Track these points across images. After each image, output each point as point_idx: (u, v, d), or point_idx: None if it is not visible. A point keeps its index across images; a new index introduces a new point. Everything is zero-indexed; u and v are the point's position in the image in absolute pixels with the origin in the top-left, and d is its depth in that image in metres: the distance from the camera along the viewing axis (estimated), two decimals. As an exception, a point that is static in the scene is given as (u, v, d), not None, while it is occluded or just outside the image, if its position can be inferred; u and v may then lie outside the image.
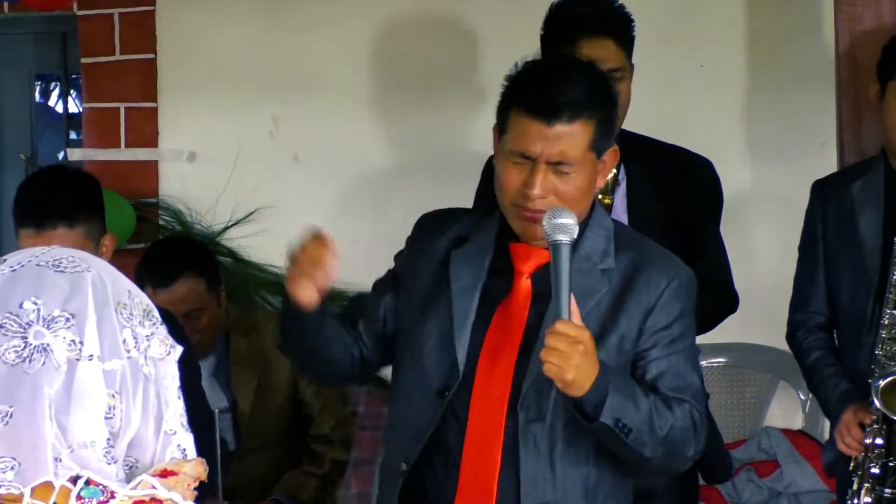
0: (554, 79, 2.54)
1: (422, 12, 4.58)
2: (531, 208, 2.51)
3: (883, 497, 3.07)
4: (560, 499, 2.55)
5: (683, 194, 3.30)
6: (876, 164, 3.25)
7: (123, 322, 1.43)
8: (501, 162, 2.57)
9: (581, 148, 2.51)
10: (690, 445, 2.56)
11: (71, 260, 1.45)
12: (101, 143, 4.73)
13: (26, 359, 1.36)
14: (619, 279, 2.58)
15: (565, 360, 2.37)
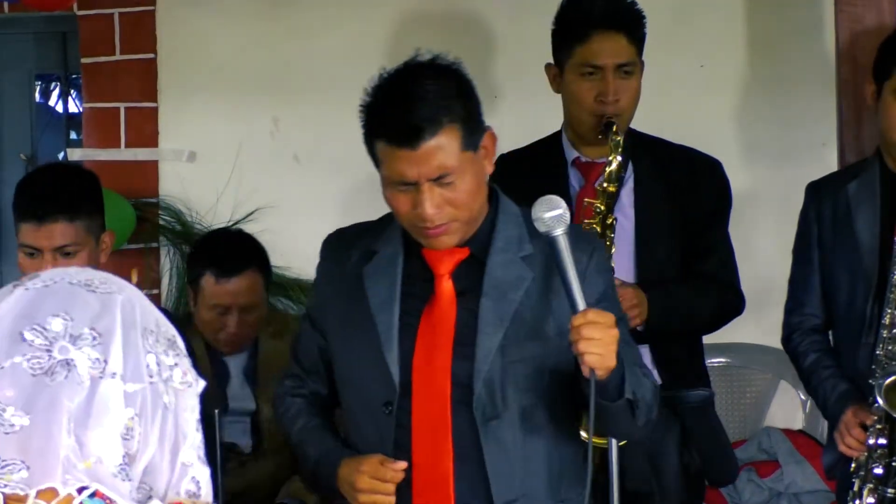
0: (404, 101, 2.50)
1: (423, 11, 4.57)
2: (429, 226, 2.50)
3: (886, 497, 3.06)
4: (529, 491, 2.57)
5: (692, 194, 3.30)
6: (871, 165, 3.25)
7: (148, 347, 1.44)
8: (387, 191, 2.55)
9: (454, 154, 2.49)
10: (654, 409, 2.60)
11: (103, 281, 1.47)
12: (101, 143, 4.73)
13: (48, 371, 1.37)
14: (541, 263, 2.58)
15: (605, 346, 2.37)
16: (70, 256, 3.11)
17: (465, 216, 2.52)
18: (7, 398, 1.35)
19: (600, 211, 3.12)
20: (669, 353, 3.29)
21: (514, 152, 3.47)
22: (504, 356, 2.54)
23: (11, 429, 1.34)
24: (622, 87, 3.21)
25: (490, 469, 2.53)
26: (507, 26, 4.51)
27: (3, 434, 1.33)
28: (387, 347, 2.58)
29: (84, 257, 3.12)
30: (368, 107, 2.56)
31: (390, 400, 2.57)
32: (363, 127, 2.58)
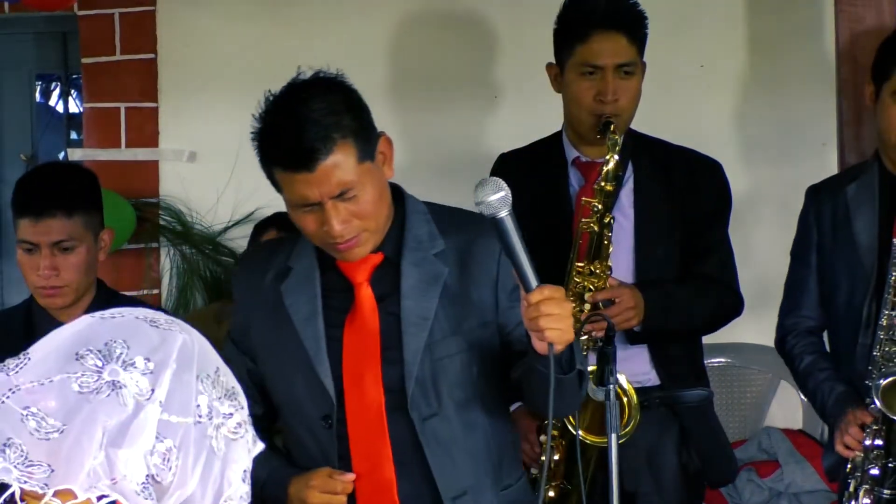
0: (294, 125, 2.47)
1: (426, 11, 4.58)
2: (340, 241, 2.50)
3: (882, 498, 3.06)
4: (475, 482, 2.59)
5: (692, 195, 3.30)
6: (870, 167, 3.25)
7: (202, 389, 1.46)
8: (294, 216, 2.54)
9: (352, 169, 2.47)
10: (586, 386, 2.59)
11: (168, 321, 1.49)
12: (101, 143, 4.73)
13: (94, 390, 1.40)
14: (454, 257, 2.59)
15: (563, 321, 2.36)
16: (67, 252, 3.12)
17: (372, 226, 2.52)
18: (49, 408, 1.37)
19: (598, 210, 3.13)
20: (668, 353, 3.29)
21: (515, 152, 3.47)
22: (432, 354, 2.55)
23: (47, 435, 1.37)
24: (622, 87, 3.21)
25: (434, 467, 2.55)
26: (508, 26, 4.51)
27: (38, 439, 1.36)
28: (317, 361, 2.58)
29: (82, 253, 3.13)
30: (260, 133, 2.53)
31: (328, 413, 2.58)
32: (258, 154, 2.54)
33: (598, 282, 3.12)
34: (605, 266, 3.12)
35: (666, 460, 3.30)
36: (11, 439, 1.35)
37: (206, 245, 4.66)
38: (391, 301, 2.57)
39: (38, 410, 1.37)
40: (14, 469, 1.34)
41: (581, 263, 3.13)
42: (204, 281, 4.64)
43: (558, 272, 3.13)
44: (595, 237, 3.13)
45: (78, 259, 3.13)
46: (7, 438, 1.35)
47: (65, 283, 3.13)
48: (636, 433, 3.00)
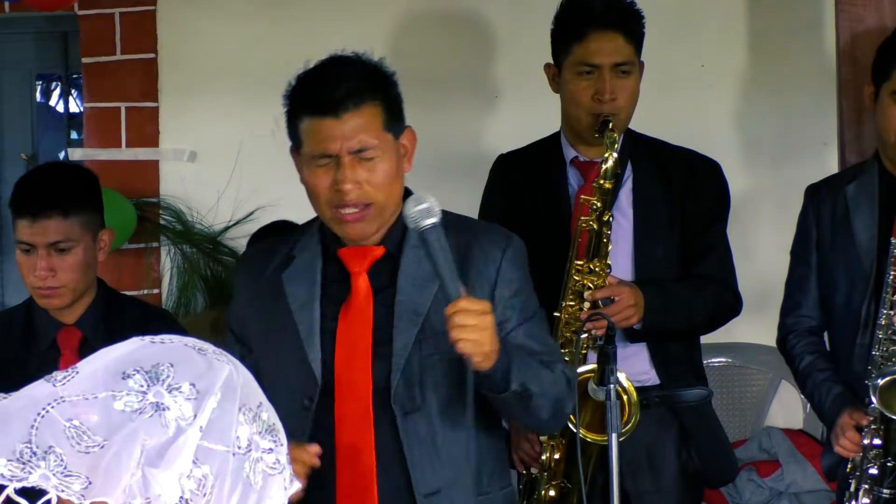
0: (327, 75, 2.58)
1: (426, 11, 4.58)
2: (347, 203, 2.52)
3: (881, 497, 3.06)
4: (450, 483, 2.59)
5: (691, 195, 3.31)
6: (870, 167, 3.25)
7: (242, 420, 1.47)
8: (307, 173, 2.58)
9: (376, 130, 2.55)
10: (569, 402, 2.62)
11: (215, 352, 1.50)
12: (101, 142, 4.74)
13: (138, 410, 1.41)
14: (454, 259, 2.57)
15: (481, 332, 2.39)
16: (64, 253, 3.11)
17: (381, 199, 2.55)
18: (91, 422, 1.39)
19: (597, 208, 3.13)
20: (667, 352, 3.29)
21: (514, 152, 3.48)
22: (421, 350, 2.56)
23: (87, 449, 1.38)
24: (619, 86, 3.21)
25: (410, 462, 2.56)
26: (508, 27, 4.51)
27: (79, 452, 1.37)
28: (308, 346, 2.60)
29: (79, 254, 3.13)
30: (295, 83, 2.62)
31: (310, 397, 2.59)
32: (287, 111, 2.62)
33: (597, 280, 3.12)
34: (605, 264, 3.13)
35: (666, 460, 3.30)
36: (53, 448, 1.36)
37: (206, 244, 4.66)
38: (387, 294, 2.58)
39: (80, 423, 1.38)
40: (52, 477, 1.35)
41: (580, 262, 3.13)
42: (204, 280, 4.65)
43: (557, 272, 3.13)
44: (594, 235, 3.13)
45: (75, 260, 3.12)
46: (49, 446, 1.36)
47: (62, 284, 3.12)
48: (636, 432, 3.00)
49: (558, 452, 3.14)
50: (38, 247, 3.10)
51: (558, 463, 3.15)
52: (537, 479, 3.16)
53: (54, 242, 3.10)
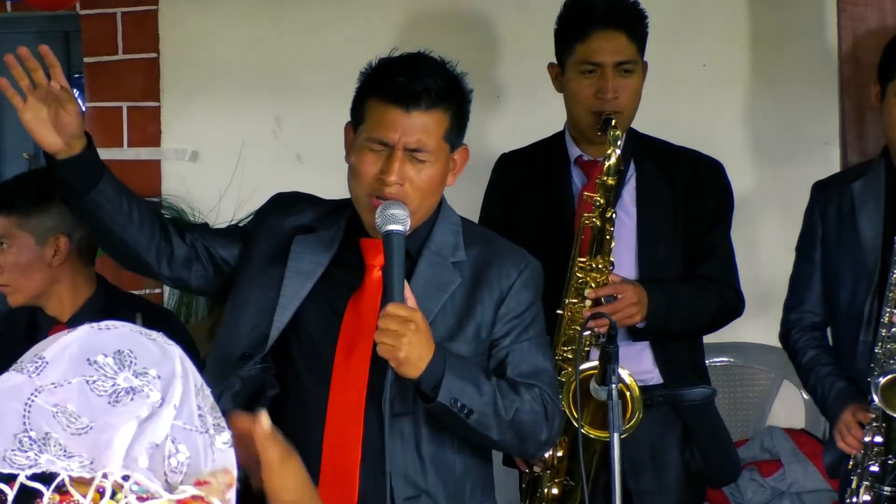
0: (412, 69, 2.59)
1: (428, 11, 4.58)
2: (386, 195, 2.53)
3: (882, 495, 3.07)
4: (431, 489, 2.59)
5: (694, 195, 3.31)
6: (876, 165, 3.25)
7: (200, 403, 1.51)
8: (357, 152, 2.59)
9: (437, 137, 2.56)
10: (542, 430, 2.61)
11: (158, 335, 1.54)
12: (103, 142, 4.72)
13: (113, 395, 1.44)
14: (470, 271, 2.63)
15: (397, 338, 2.42)
16: (1, 251, 3.18)
17: (416, 202, 2.56)
18: (71, 407, 1.42)
19: (600, 205, 3.13)
20: (670, 352, 3.30)
21: (515, 151, 3.48)
22: None
23: (79, 431, 1.41)
24: (622, 85, 3.22)
25: (392, 465, 2.55)
26: (511, 26, 4.51)
27: (73, 434, 1.41)
28: (279, 312, 2.60)
29: (15, 253, 3.18)
30: (374, 68, 2.63)
31: (251, 354, 2.59)
32: (360, 84, 2.64)
33: (600, 277, 3.13)
34: (607, 261, 3.13)
35: (668, 459, 3.30)
36: (49, 434, 1.39)
37: (208, 244, 4.66)
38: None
39: (65, 408, 1.41)
40: (57, 460, 1.38)
41: (583, 259, 3.13)
42: (206, 280, 4.64)
43: (560, 270, 3.13)
44: (597, 232, 3.13)
45: (8, 258, 3.19)
46: (45, 433, 1.39)
47: (5, 283, 3.21)
48: (639, 431, 3.00)
49: (561, 450, 3.14)
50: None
51: (561, 460, 3.15)
52: (540, 476, 3.16)
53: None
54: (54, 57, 2.61)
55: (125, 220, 2.66)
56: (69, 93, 2.58)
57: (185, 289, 2.81)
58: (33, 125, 2.57)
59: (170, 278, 2.75)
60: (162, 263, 2.72)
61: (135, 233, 2.67)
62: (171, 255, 2.71)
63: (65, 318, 3.23)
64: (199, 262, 2.73)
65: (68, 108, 2.56)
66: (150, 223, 2.69)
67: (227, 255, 2.73)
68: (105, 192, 2.63)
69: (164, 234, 2.71)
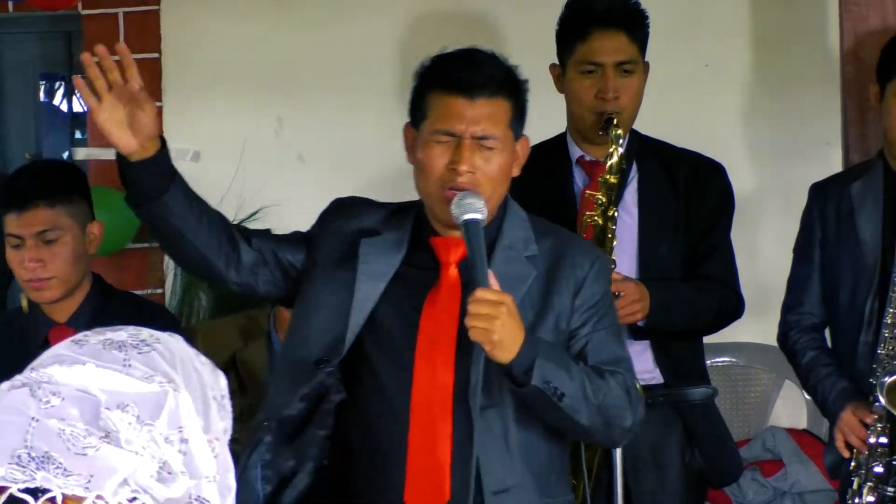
0: (470, 59, 2.62)
1: (432, 11, 4.58)
2: (458, 185, 2.53)
3: (886, 496, 3.07)
4: (520, 482, 2.59)
5: (695, 197, 3.32)
6: (875, 165, 3.26)
7: (218, 451, 1.47)
8: (423, 147, 2.59)
9: (503, 125, 2.58)
10: (627, 416, 2.60)
11: (132, 344, 1.46)
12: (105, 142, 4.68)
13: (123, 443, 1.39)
14: (544, 264, 2.63)
15: (490, 321, 2.41)
16: (52, 243, 3.12)
17: (489, 190, 2.55)
18: (73, 416, 1.37)
19: (602, 203, 3.14)
20: (670, 351, 3.30)
21: (519, 152, 3.48)
22: None
23: (84, 450, 1.36)
24: (622, 85, 3.22)
25: (481, 458, 2.54)
26: (514, 26, 4.51)
27: (76, 454, 1.36)
28: (353, 316, 2.59)
29: (68, 243, 3.13)
30: (432, 62, 2.64)
31: (328, 358, 2.58)
32: (418, 80, 2.65)
33: (602, 275, 3.13)
34: (609, 259, 3.13)
35: (670, 459, 3.30)
36: (48, 453, 1.34)
37: (210, 244, 4.65)
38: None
39: (70, 422, 1.36)
40: (54, 478, 1.34)
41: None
42: (208, 280, 4.65)
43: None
44: (599, 230, 3.14)
45: (63, 249, 3.13)
46: (44, 452, 1.34)
47: (51, 275, 3.12)
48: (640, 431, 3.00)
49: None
50: (26, 238, 3.11)
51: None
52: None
53: (41, 232, 3.11)
54: (130, 56, 2.55)
55: (195, 224, 2.63)
56: (145, 93, 2.55)
57: (254, 294, 2.77)
58: (108, 126, 2.55)
59: (237, 283, 2.71)
60: (230, 269, 2.68)
61: (204, 238, 2.64)
62: (239, 261, 2.69)
63: (63, 319, 3.20)
64: (266, 268, 2.70)
65: (146, 109, 2.54)
66: (219, 228, 2.67)
67: (293, 260, 2.71)
68: (176, 196, 2.61)
69: (232, 239, 2.68)
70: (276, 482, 2.60)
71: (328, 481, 2.64)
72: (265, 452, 2.59)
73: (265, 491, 2.59)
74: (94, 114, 2.54)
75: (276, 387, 2.71)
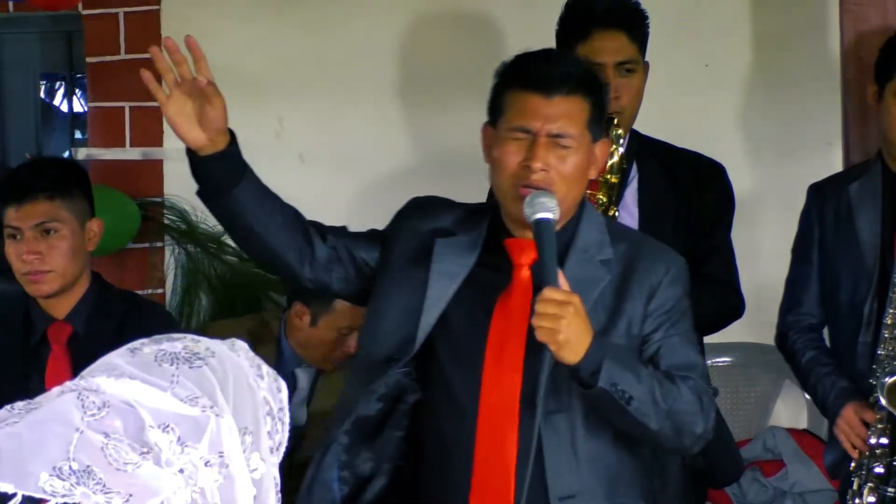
0: (549, 58, 2.61)
1: (434, 11, 4.58)
2: (532, 182, 2.51)
3: (886, 496, 3.07)
4: (586, 489, 2.56)
5: (696, 197, 3.32)
6: (873, 166, 3.26)
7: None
8: (499, 145, 2.57)
9: (579, 124, 2.55)
10: (698, 422, 2.57)
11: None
12: (106, 142, 4.73)
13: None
14: (619, 268, 2.60)
15: (556, 321, 2.39)
16: (50, 235, 3.12)
17: (562, 190, 2.53)
18: (117, 428, 1.36)
19: (602, 203, 3.14)
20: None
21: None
22: None
23: (125, 466, 1.35)
24: (623, 84, 3.22)
25: (548, 463, 2.52)
26: (516, 26, 4.50)
27: (117, 470, 1.35)
28: (425, 315, 2.57)
29: (66, 236, 3.14)
30: (510, 64, 2.63)
31: (398, 357, 2.57)
32: (497, 78, 2.64)
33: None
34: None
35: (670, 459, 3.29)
36: (90, 467, 1.33)
37: (210, 244, 4.66)
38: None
39: (114, 436, 1.35)
40: (93, 495, 1.32)
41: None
42: (209, 280, 4.65)
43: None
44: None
45: (61, 243, 3.13)
46: (87, 466, 1.33)
47: (49, 268, 3.13)
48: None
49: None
50: (24, 230, 3.11)
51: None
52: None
53: (39, 224, 3.11)
54: (201, 50, 2.55)
55: (267, 219, 2.63)
56: (215, 87, 2.55)
57: (327, 291, 2.78)
58: (176, 120, 2.55)
59: (311, 280, 2.71)
60: (304, 266, 2.68)
61: (277, 233, 2.64)
62: (313, 257, 2.68)
63: (61, 315, 3.19)
64: (340, 265, 2.70)
65: (214, 103, 2.54)
66: (293, 224, 2.67)
67: (367, 258, 2.71)
68: (247, 191, 2.61)
69: (306, 235, 2.68)
70: (352, 483, 2.60)
71: (402, 482, 2.64)
72: (341, 453, 2.60)
73: (342, 493, 2.59)
74: (163, 107, 2.56)
75: (350, 384, 2.71)
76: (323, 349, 3.92)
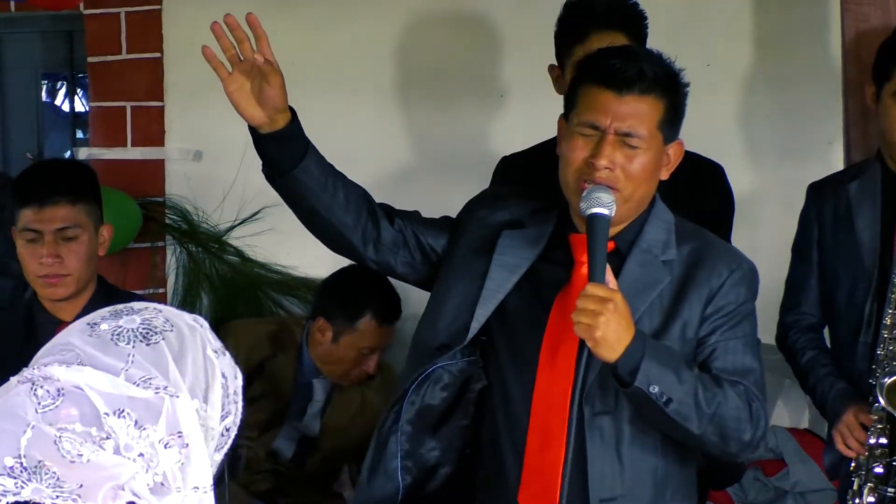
0: (627, 55, 2.56)
1: (433, 11, 4.58)
2: (596, 179, 2.48)
3: (886, 496, 3.07)
4: (628, 492, 2.54)
5: (696, 198, 3.31)
6: (872, 166, 3.26)
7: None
8: (568, 138, 2.55)
9: (650, 125, 2.52)
10: (746, 429, 2.53)
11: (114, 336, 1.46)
12: (107, 142, 4.74)
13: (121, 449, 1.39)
14: (680, 270, 2.58)
15: (594, 317, 2.36)
16: (71, 241, 3.13)
17: (628, 190, 2.52)
18: (72, 417, 1.38)
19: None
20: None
21: (517, 154, 3.49)
22: None
23: (77, 459, 1.37)
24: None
25: (591, 465, 2.51)
26: (514, 26, 4.51)
27: (70, 462, 1.36)
28: (482, 305, 2.56)
29: (84, 242, 3.15)
30: (589, 57, 2.62)
31: (448, 344, 2.57)
32: (575, 72, 2.62)
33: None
34: None
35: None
36: (42, 462, 1.34)
37: (212, 244, 4.66)
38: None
39: (66, 428, 1.36)
40: (45, 489, 1.34)
41: (584, 258, 3.13)
42: (210, 280, 4.65)
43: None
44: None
45: (80, 248, 3.14)
46: (38, 461, 1.34)
47: (67, 272, 3.14)
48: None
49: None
50: (45, 233, 3.12)
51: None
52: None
53: (61, 229, 3.12)
54: (262, 28, 2.58)
55: (330, 199, 2.64)
56: (274, 66, 2.57)
57: (391, 274, 2.78)
58: (237, 98, 2.57)
59: (375, 262, 2.72)
60: (368, 246, 2.69)
61: (340, 213, 2.65)
62: (378, 239, 2.69)
63: (69, 318, 3.19)
64: (406, 249, 2.71)
65: (272, 82, 2.57)
66: (357, 204, 2.67)
67: (435, 244, 2.71)
68: (309, 169, 2.62)
69: (372, 216, 2.69)
70: (415, 472, 2.60)
71: (468, 469, 2.64)
72: (405, 443, 2.60)
73: (405, 482, 2.60)
74: (224, 84, 2.56)
75: (405, 370, 2.70)
76: (342, 366, 3.92)
